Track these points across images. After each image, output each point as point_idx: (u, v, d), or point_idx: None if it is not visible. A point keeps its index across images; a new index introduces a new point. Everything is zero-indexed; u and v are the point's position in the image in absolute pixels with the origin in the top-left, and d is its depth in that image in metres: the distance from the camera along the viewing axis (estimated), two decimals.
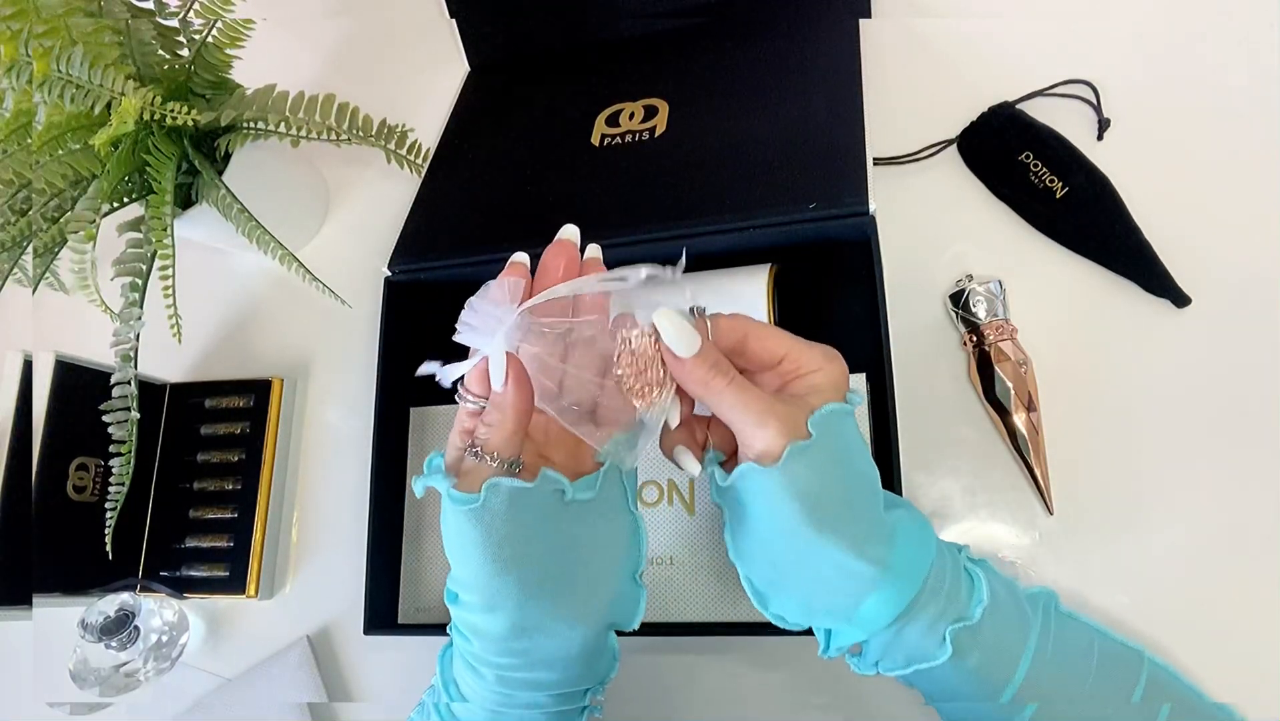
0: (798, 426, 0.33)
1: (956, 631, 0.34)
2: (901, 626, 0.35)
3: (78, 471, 0.58)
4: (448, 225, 0.57)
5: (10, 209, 0.55)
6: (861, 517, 0.34)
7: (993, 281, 0.51)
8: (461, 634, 0.36)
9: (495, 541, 0.33)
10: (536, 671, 0.36)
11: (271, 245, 0.56)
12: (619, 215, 0.51)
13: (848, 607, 0.35)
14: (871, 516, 0.35)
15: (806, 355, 0.36)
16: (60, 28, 0.50)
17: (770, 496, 0.33)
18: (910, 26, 0.61)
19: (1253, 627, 0.44)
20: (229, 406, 0.64)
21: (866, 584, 0.34)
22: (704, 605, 0.48)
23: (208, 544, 0.61)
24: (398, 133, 0.59)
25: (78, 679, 0.55)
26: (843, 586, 0.34)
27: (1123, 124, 0.54)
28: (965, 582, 0.36)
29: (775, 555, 0.35)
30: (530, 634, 0.35)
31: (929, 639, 0.35)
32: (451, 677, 0.38)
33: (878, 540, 0.34)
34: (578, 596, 0.35)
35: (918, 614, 0.34)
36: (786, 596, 0.36)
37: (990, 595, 0.35)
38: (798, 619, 0.37)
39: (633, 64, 0.64)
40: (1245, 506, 0.46)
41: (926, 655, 0.35)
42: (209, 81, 0.58)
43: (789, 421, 0.33)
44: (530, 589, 0.34)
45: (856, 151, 0.48)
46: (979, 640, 0.35)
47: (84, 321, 0.65)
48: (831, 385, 0.35)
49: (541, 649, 0.35)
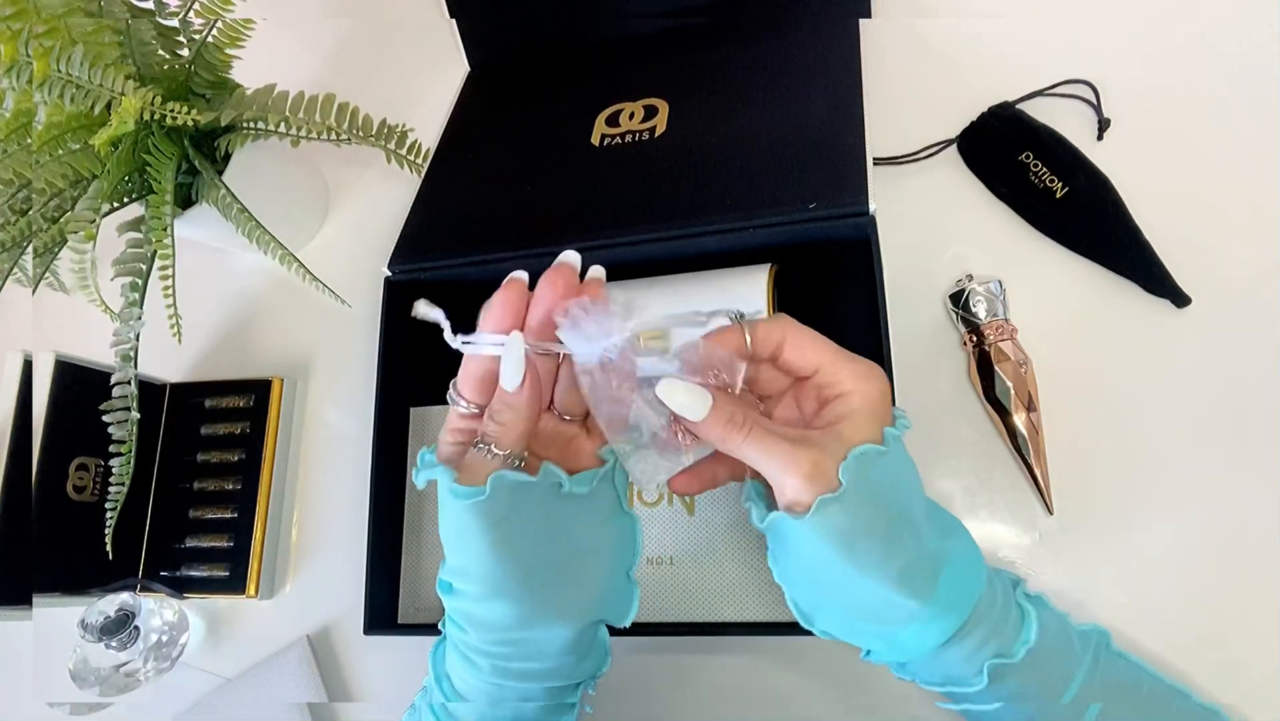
0: (826, 474, 0.32)
1: (995, 665, 0.34)
2: (942, 651, 0.34)
3: (78, 471, 0.58)
4: (448, 225, 0.56)
5: (10, 209, 0.55)
6: (904, 552, 0.33)
7: (993, 281, 0.51)
8: (457, 624, 0.36)
9: (498, 532, 0.33)
10: (530, 661, 0.36)
11: (271, 245, 0.56)
12: (619, 215, 0.51)
13: (889, 633, 0.34)
14: (915, 550, 0.33)
15: (842, 372, 0.34)
16: (60, 28, 0.50)
17: (804, 540, 0.33)
18: (910, 26, 0.61)
19: (1252, 628, 0.44)
20: (229, 406, 0.64)
21: (909, 615, 0.33)
22: (703, 605, 0.48)
23: (208, 544, 0.61)
24: (398, 133, 0.59)
25: (78, 679, 0.55)
26: (885, 614, 0.34)
27: (1123, 124, 0.54)
28: (1014, 617, 0.35)
29: (817, 581, 0.35)
30: (530, 623, 0.35)
31: (967, 665, 0.34)
32: (444, 672, 0.38)
33: (922, 574, 0.33)
34: (571, 589, 0.36)
35: (959, 641, 0.34)
36: (830, 616, 0.36)
37: (1039, 634, 0.35)
38: (843, 636, 0.36)
39: (633, 64, 0.64)
40: (1245, 506, 0.46)
41: (963, 680, 0.35)
42: (209, 81, 0.58)
43: (816, 469, 0.32)
44: (530, 578, 0.34)
45: (856, 151, 0.48)
46: (1019, 673, 0.34)
47: (84, 321, 0.65)
48: (868, 409, 0.34)
49: (536, 639, 0.35)
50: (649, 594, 0.49)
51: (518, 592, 0.34)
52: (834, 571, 0.33)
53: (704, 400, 0.33)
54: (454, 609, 0.36)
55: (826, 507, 0.32)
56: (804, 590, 0.36)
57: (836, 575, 0.33)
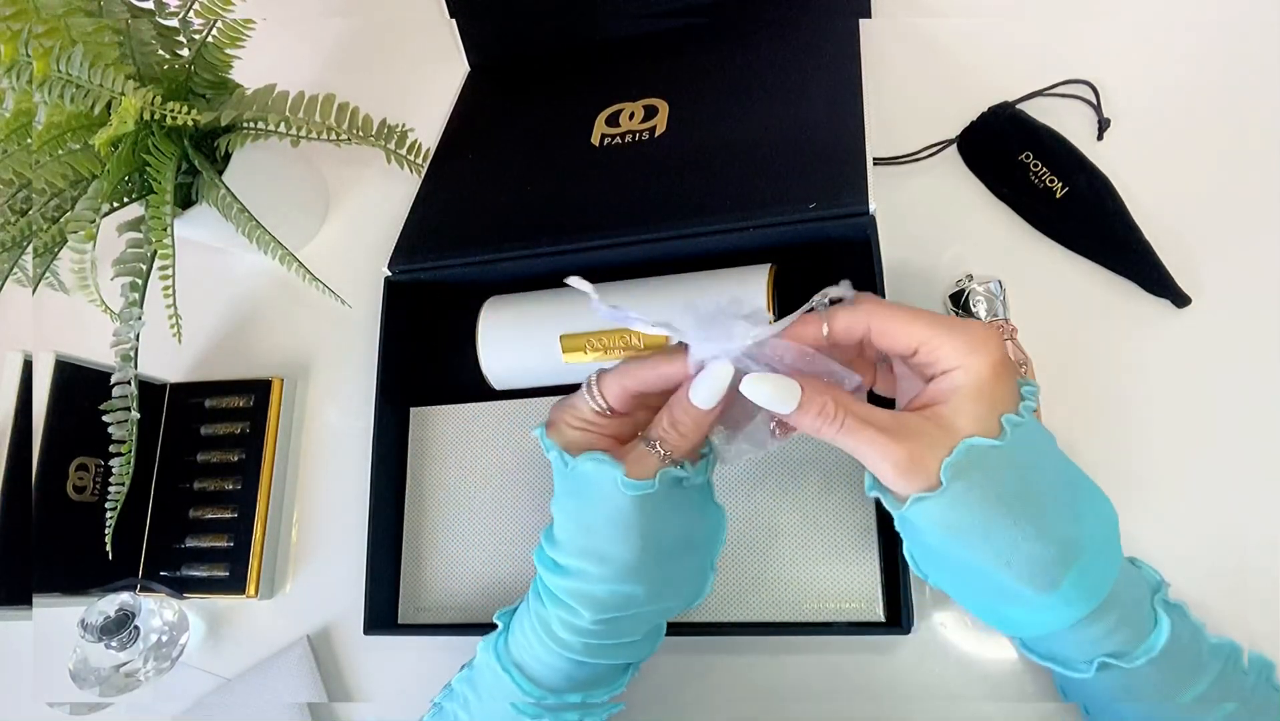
0: (924, 468, 0.30)
1: (1108, 663, 0.33)
2: (1056, 633, 0.33)
3: (78, 471, 0.58)
4: (448, 225, 0.56)
5: (10, 209, 0.56)
6: (1024, 543, 0.31)
7: (993, 281, 0.51)
8: (564, 603, 0.37)
9: (652, 523, 0.35)
10: (623, 637, 0.38)
11: (271, 245, 0.56)
12: (619, 215, 0.51)
13: (1001, 610, 0.34)
14: (1040, 541, 0.31)
15: (946, 346, 0.31)
16: (60, 28, 0.50)
17: (907, 522, 0.33)
18: (910, 26, 0.61)
19: (1252, 628, 0.44)
20: (229, 406, 0.64)
21: (1027, 601, 0.32)
22: (718, 605, 0.48)
23: (208, 544, 0.61)
24: (398, 133, 0.59)
25: (78, 679, 0.55)
26: (1000, 594, 0.33)
27: (1123, 124, 0.54)
28: (1144, 620, 0.34)
29: (928, 550, 0.34)
30: (652, 601, 0.37)
31: (1079, 652, 0.34)
32: (512, 663, 0.39)
33: (1047, 566, 0.31)
34: (684, 572, 0.39)
35: (1076, 630, 0.33)
36: (942, 579, 0.35)
37: (1166, 645, 0.33)
38: (954, 597, 0.36)
39: (633, 64, 0.64)
40: (1246, 506, 0.46)
41: (1070, 664, 0.34)
42: (209, 81, 0.58)
43: (913, 462, 0.30)
44: (662, 562, 0.37)
45: (856, 151, 0.48)
46: (1134, 675, 0.33)
47: (84, 321, 0.65)
48: (974, 388, 0.31)
49: (645, 616, 0.38)
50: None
51: (651, 575, 0.36)
52: (942, 553, 0.33)
53: (792, 392, 0.31)
54: (568, 589, 0.36)
55: (923, 504, 0.31)
56: (917, 550, 0.35)
57: (945, 556, 0.33)
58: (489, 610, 0.44)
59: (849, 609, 0.46)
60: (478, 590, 0.53)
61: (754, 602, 0.47)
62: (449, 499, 0.54)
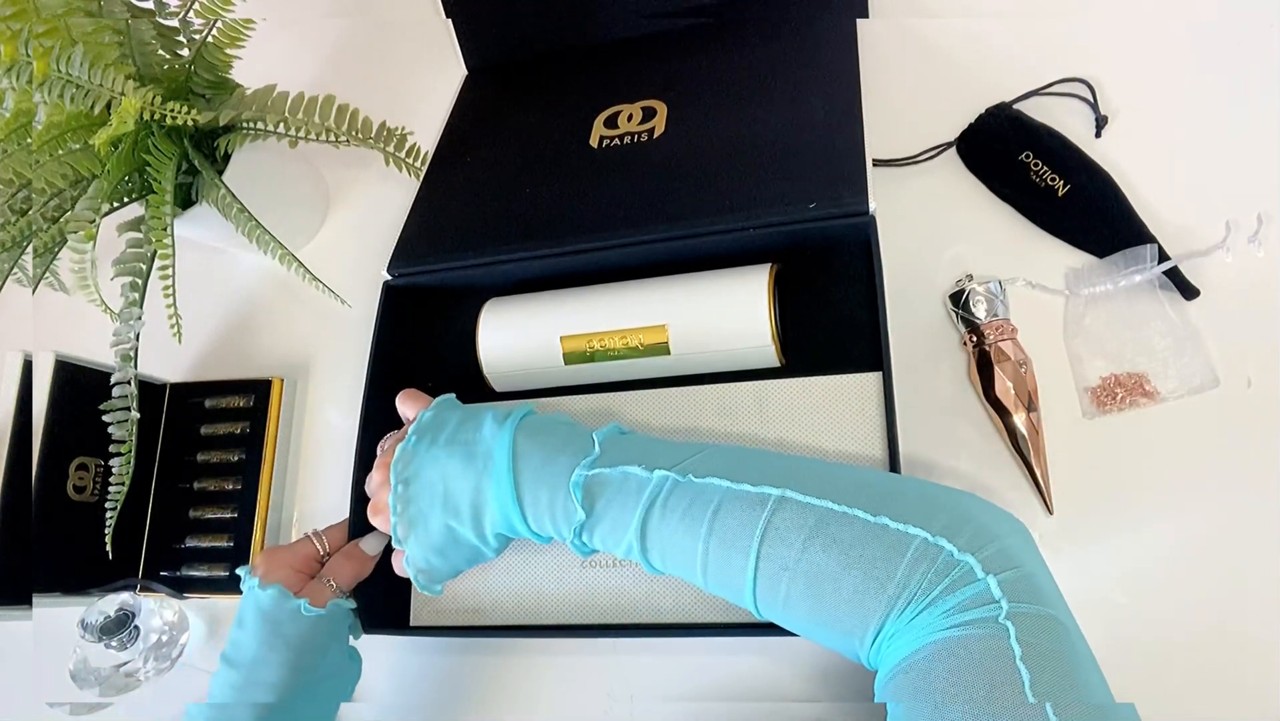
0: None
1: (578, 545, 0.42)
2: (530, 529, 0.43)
3: (78, 471, 0.58)
4: (447, 229, 0.56)
5: (10, 209, 0.56)
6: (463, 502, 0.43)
7: (993, 281, 0.51)
8: (227, 671, 0.45)
9: (304, 640, 0.45)
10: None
11: (271, 245, 0.56)
12: (618, 217, 0.51)
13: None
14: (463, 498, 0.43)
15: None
16: (60, 28, 0.50)
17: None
18: (906, 27, 0.61)
19: (1252, 627, 0.44)
20: (229, 406, 0.64)
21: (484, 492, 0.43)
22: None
23: (208, 544, 0.61)
24: (396, 135, 0.59)
25: (78, 679, 0.55)
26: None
27: (1121, 120, 0.54)
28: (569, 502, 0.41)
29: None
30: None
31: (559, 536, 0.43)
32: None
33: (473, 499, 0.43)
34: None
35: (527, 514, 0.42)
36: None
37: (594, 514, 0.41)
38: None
39: (630, 66, 0.64)
40: (1247, 506, 0.45)
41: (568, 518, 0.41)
42: (209, 81, 0.59)
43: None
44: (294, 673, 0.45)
45: (856, 151, 0.48)
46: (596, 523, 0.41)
47: (84, 321, 0.65)
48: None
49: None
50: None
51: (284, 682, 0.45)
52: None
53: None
54: (221, 679, 0.45)
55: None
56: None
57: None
58: (489, 610, 0.45)
59: None
60: (479, 590, 0.53)
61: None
62: None
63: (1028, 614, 0.31)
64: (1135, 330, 0.48)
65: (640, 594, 0.48)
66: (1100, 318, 0.49)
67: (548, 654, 0.53)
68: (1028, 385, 0.48)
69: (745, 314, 0.47)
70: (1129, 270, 0.48)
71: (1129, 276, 0.48)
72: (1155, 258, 0.48)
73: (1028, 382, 0.48)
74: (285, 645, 0.45)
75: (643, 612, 0.48)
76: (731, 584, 0.38)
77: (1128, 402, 0.48)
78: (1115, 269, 0.49)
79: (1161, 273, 0.48)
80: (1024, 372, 0.49)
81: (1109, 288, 0.49)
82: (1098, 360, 0.49)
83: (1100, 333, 0.49)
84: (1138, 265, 0.48)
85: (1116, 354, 0.49)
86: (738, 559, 0.37)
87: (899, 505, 0.35)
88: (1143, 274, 0.48)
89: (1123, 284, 0.49)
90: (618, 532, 0.40)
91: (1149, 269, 0.48)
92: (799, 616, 0.36)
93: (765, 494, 0.37)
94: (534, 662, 0.54)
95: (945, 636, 0.31)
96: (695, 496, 0.38)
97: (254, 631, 0.45)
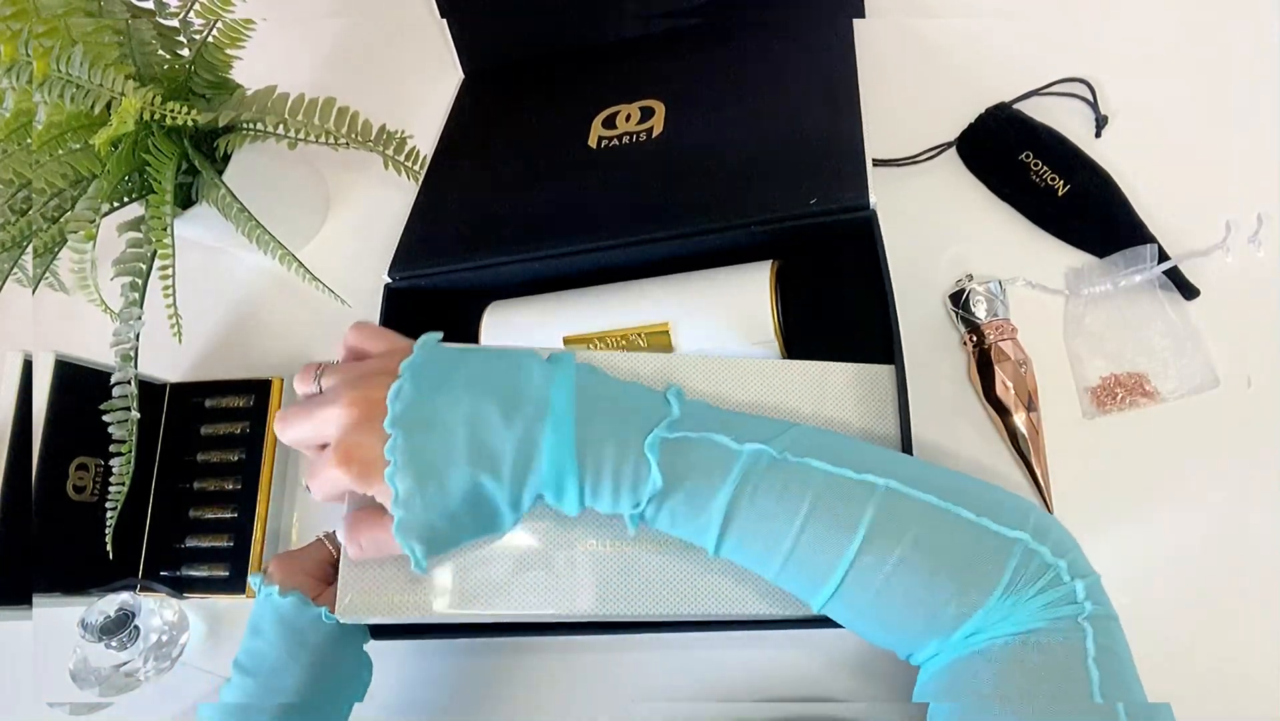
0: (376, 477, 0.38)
1: (636, 515, 0.36)
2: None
3: (78, 471, 0.58)
4: (447, 231, 0.56)
5: (10, 209, 0.55)
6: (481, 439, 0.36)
7: (993, 281, 0.51)
8: (242, 679, 0.44)
9: (324, 648, 0.45)
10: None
11: (271, 245, 0.56)
12: (618, 217, 0.51)
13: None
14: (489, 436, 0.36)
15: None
16: (60, 28, 0.50)
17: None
18: (904, 27, 0.61)
19: (1253, 627, 0.44)
20: (229, 406, 0.64)
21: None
22: (687, 597, 0.43)
23: (208, 544, 0.61)
24: (396, 139, 0.59)
25: (78, 679, 0.55)
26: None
27: (1121, 120, 0.54)
28: (638, 469, 0.36)
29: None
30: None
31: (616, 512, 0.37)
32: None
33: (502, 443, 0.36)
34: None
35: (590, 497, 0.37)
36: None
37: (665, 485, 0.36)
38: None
39: (627, 66, 0.64)
40: (1247, 505, 0.46)
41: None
42: (209, 81, 0.58)
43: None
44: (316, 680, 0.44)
45: (855, 147, 0.48)
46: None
47: (84, 321, 0.65)
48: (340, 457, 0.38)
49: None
50: (625, 583, 0.43)
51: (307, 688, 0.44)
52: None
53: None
54: (233, 687, 0.44)
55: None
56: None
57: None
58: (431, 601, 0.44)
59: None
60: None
61: (745, 596, 0.44)
62: None
63: (1102, 615, 0.33)
64: (1135, 330, 0.48)
65: (651, 582, 0.43)
66: (1100, 318, 0.49)
67: (554, 651, 0.53)
68: (1028, 385, 0.48)
69: (748, 311, 0.47)
70: (1129, 270, 0.48)
71: (1129, 276, 0.48)
72: (1155, 258, 0.48)
73: (1028, 382, 0.49)
74: (306, 653, 0.43)
75: (677, 601, 0.43)
76: (814, 575, 0.35)
77: (1128, 403, 0.48)
78: (1115, 269, 0.49)
79: (1161, 273, 0.48)
80: (1024, 372, 0.49)
81: (1109, 288, 0.49)
82: (1098, 360, 0.49)
83: (1100, 332, 0.49)
84: (1138, 265, 0.48)
85: (1116, 354, 0.49)
86: (834, 549, 0.34)
87: (992, 504, 0.35)
88: (1143, 274, 0.48)
89: (1123, 284, 0.49)
90: (694, 508, 0.36)
91: (1149, 269, 0.48)
92: (880, 612, 0.35)
93: (870, 482, 0.35)
94: (541, 662, 0.53)
95: (1028, 632, 0.32)
96: (791, 477, 0.35)
97: (273, 640, 0.44)
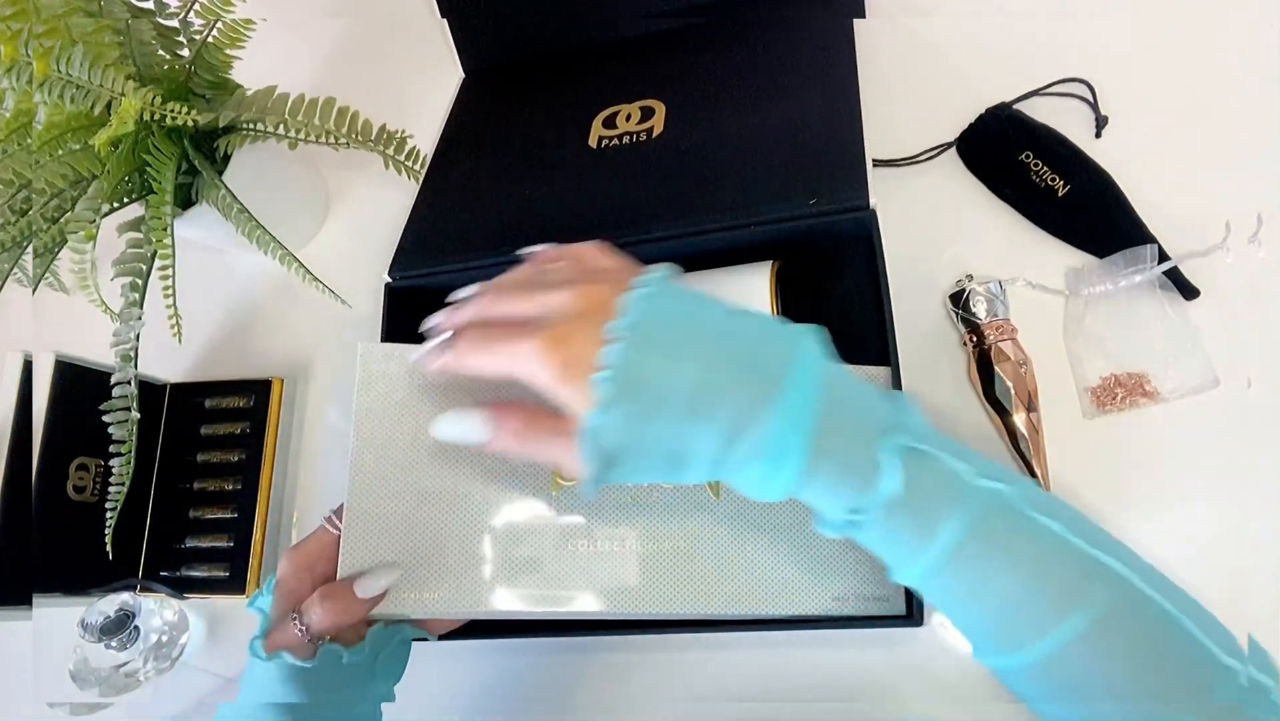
0: (584, 389, 0.33)
1: (853, 520, 0.33)
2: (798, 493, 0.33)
3: (78, 471, 0.58)
4: (447, 231, 0.56)
5: (10, 209, 0.55)
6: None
7: (993, 281, 0.51)
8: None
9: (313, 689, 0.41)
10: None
11: (271, 245, 0.56)
12: (619, 217, 0.51)
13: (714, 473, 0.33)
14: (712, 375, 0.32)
15: (524, 366, 0.35)
16: (60, 28, 0.50)
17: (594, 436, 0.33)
18: (904, 27, 0.61)
19: (1253, 628, 0.44)
20: (229, 406, 0.64)
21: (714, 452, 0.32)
22: (725, 598, 0.45)
23: (208, 544, 0.61)
24: (396, 138, 0.59)
25: (78, 679, 0.55)
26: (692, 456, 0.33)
27: (1121, 120, 0.54)
28: (870, 468, 0.32)
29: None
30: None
31: (832, 514, 0.33)
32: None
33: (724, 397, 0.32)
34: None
35: (807, 484, 0.32)
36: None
37: (901, 494, 0.32)
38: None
39: (627, 66, 0.64)
40: (1247, 505, 0.45)
41: (831, 526, 0.34)
42: (209, 82, 0.59)
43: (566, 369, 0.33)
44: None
45: (854, 147, 0.48)
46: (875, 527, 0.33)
47: (84, 321, 0.65)
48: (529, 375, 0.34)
49: None
50: (662, 585, 0.45)
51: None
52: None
53: (481, 422, 0.38)
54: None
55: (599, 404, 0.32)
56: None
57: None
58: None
59: (868, 600, 0.44)
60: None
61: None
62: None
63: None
64: (1135, 330, 0.48)
65: (682, 578, 0.45)
66: (1100, 318, 0.49)
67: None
68: (1028, 385, 0.48)
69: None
70: (1129, 270, 0.48)
71: (1129, 276, 0.48)
72: (1155, 258, 0.48)
73: (1028, 382, 0.49)
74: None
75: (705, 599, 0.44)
76: (1010, 644, 0.32)
77: (1128, 402, 0.48)
78: (1115, 269, 0.49)
79: (1161, 273, 0.48)
80: (1024, 372, 0.49)
81: (1109, 288, 0.49)
82: (1098, 360, 0.49)
83: (1100, 332, 0.49)
84: (1138, 265, 0.48)
85: (1116, 354, 0.49)
86: (1042, 625, 0.31)
87: (1205, 619, 0.33)
88: (1143, 274, 0.48)
89: (1123, 284, 0.49)
90: (918, 532, 0.32)
91: (1149, 269, 0.48)
92: (1073, 693, 0.31)
93: (1103, 564, 0.31)
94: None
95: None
96: (1022, 527, 0.32)
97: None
